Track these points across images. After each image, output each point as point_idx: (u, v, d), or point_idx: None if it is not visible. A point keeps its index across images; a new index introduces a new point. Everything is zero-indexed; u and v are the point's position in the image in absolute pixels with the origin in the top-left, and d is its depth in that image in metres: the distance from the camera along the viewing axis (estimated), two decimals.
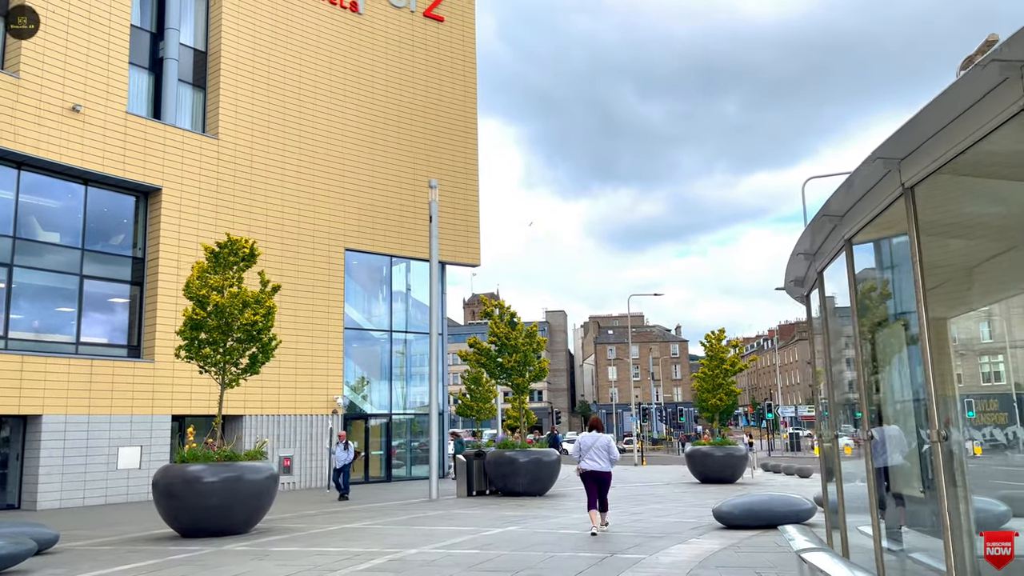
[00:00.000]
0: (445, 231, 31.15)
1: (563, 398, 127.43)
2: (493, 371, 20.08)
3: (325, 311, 27.89)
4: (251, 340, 12.93)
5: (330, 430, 21.45)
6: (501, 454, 19.13)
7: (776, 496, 12.36)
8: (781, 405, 76.04)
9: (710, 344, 25.18)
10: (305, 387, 27.08)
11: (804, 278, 7.54)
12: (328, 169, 28.57)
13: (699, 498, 18.06)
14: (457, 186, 31.97)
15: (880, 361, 5.38)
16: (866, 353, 5.47)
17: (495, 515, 14.43)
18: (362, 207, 29.29)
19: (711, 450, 24.18)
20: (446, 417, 31.23)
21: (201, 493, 11.96)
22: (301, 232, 27.55)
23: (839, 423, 6.78)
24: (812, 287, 7.18)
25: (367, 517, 14.70)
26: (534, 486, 18.94)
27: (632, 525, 12.38)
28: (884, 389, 5.26)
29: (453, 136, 32.34)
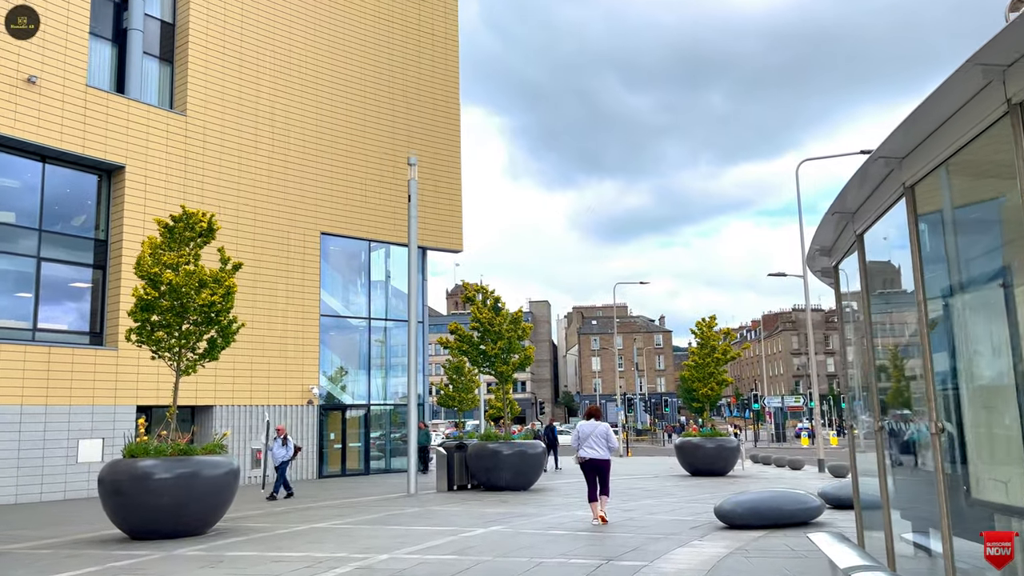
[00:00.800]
0: (426, 215, 30.02)
1: (547, 389, 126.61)
2: (476, 359, 19.01)
3: (300, 298, 26.72)
4: (209, 323, 11.80)
5: (267, 423, 19.99)
6: (483, 446, 18.09)
7: (781, 492, 11.40)
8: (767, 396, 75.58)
9: (701, 332, 24.24)
10: (279, 376, 25.92)
11: (833, 246, 6.54)
12: (304, 149, 27.34)
13: (693, 492, 17.13)
14: (439, 169, 30.83)
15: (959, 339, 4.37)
16: (941, 331, 4.46)
17: (477, 512, 13.40)
18: (339, 189, 28.09)
19: (702, 442, 23.26)
20: (427, 408, 30.16)
21: (152, 491, 10.84)
22: (275, 215, 26.33)
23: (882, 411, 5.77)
24: (846, 254, 6.18)
25: (339, 515, 13.63)
26: (518, 480, 17.93)
27: (626, 524, 11.38)
28: (968, 373, 4.26)
29: (435, 117, 31.18)
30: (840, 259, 6.49)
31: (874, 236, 5.39)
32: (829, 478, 21.89)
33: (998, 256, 4.02)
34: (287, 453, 18.35)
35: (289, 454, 18.37)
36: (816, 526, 10.65)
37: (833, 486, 13.25)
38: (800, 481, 20.59)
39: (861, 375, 6.24)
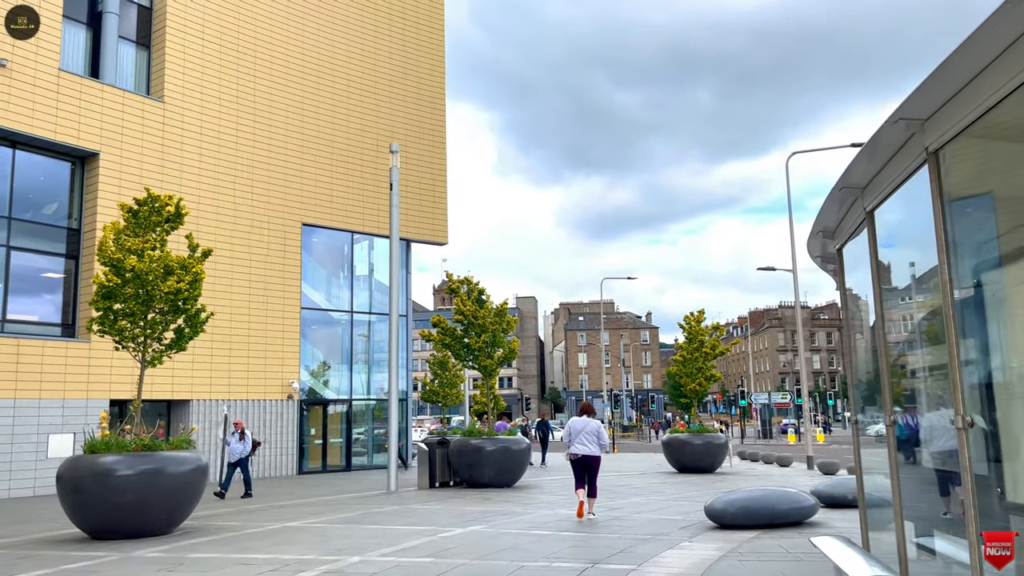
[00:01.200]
0: (410, 207, 29.48)
1: (533, 384, 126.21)
2: (459, 353, 18.49)
3: (280, 290, 26.11)
4: (176, 311, 11.21)
5: (224, 416, 19.11)
6: (466, 442, 17.57)
7: (773, 491, 10.95)
8: (753, 392, 75.45)
9: (689, 327, 23.79)
10: (258, 370, 25.31)
11: (837, 227, 6.06)
12: (286, 139, 26.70)
13: (681, 490, 16.69)
14: (424, 159, 30.27)
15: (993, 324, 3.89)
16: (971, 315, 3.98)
17: (458, 511, 12.90)
18: (322, 180, 27.48)
19: (689, 438, 22.86)
20: (409, 403, 29.62)
21: (113, 488, 10.26)
22: (255, 205, 25.70)
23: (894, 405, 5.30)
24: (852, 235, 5.70)
25: (314, 513, 13.09)
26: (501, 477, 17.43)
27: (613, 524, 10.91)
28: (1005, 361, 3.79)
29: (420, 107, 30.59)
30: (844, 241, 6.02)
31: (886, 213, 4.92)
32: (819, 475, 21.53)
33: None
34: (244, 449, 17.06)
35: (247, 450, 17.12)
36: (811, 526, 10.23)
37: (826, 484, 12.84)
38: (789, 478, 20.22)
39: (869, 365, 5.78)
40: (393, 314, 18.41)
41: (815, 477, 20.84)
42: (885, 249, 5.09)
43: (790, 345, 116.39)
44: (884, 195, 4.77)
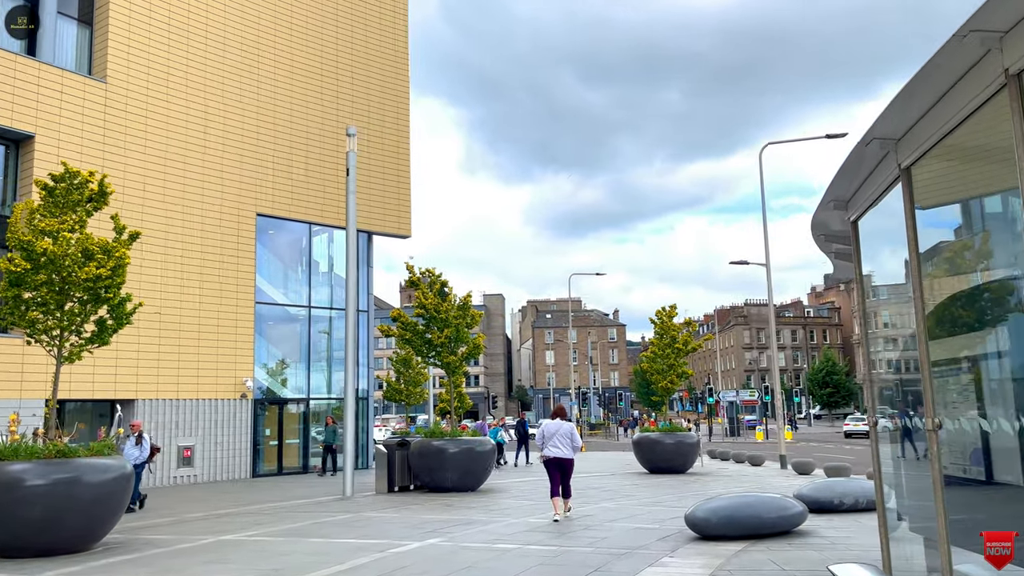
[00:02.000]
0: (373, 198, 28.32)
1: (500, 383, 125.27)
2: (420, 349, 17.40)
3: (234, 283, 24.79)
4: (96, 301, 10.01)
5: (117, 417, 17.37)
6: (427, 444, 16.50)
7: (757, 497, 10.05)
8: (722, 390, 75.23)
9: (661, 322, 22.94)
10: (210, 368, 23.99)
11: (855, 195, 5.14)
12: (240, 125, 25.37)
13: (654, 493, 15.80)
14: (387, 149, 29.10)
15: None
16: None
17: (415, 520, 11.85)
18: (278, 169, 26.19)
19: (660, 437, 22.02)
20: (370, 403, 28.46)
21: (20, 500, 9.06)
22: (207, 193, 24.35)
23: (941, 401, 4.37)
24: (874, 203, 4.77)
25: (257, 523, 11.96)
26: (465, 481, 16.39)
27: (584, 535, 9.94)
28: None
29: (383, 95, 29.39)
30: (862, 212, 5.10)
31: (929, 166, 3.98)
32: (794, 475, 20.82)
33: None
34: (141, 454, 15.11)
35: (143, 455, 15.19)
36: (800, 536, 9.35)
37: (811, 488, 12.00)
38: (764, 479, 19.47)
39: (899, 354, 4.86)
40: (349, 308, 17.29)
41: (791, 477, 20.12)
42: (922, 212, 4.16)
43: (756, 343, 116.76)
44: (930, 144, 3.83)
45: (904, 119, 3.92)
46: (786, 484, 17.70)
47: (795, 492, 11.98)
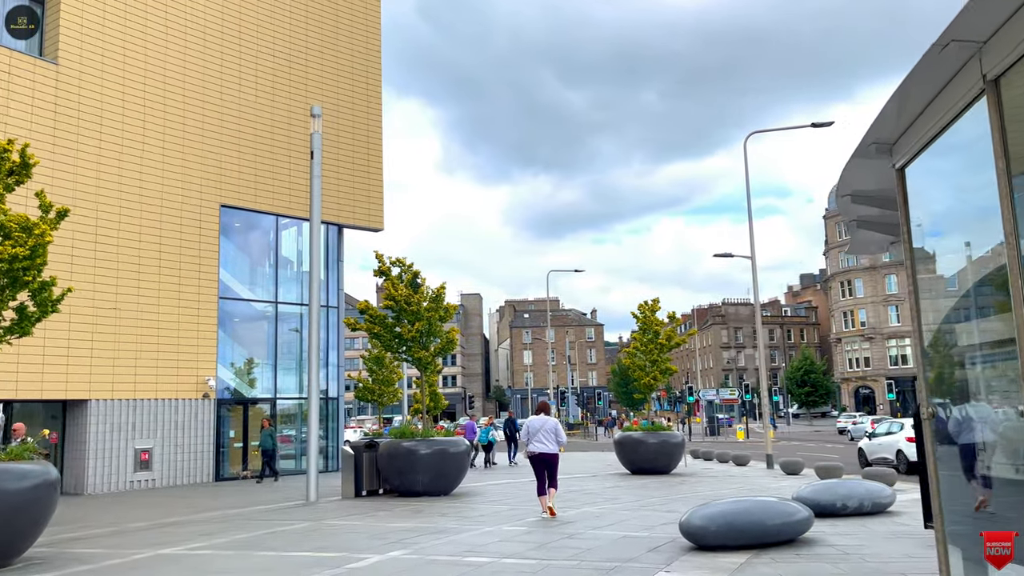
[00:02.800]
0: (342, 190, 27.19)
1: (477, 383, 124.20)
2: (390, 343, 16.30)
3: (195, 277, 23.55)
4: (14, 285, 8.86)
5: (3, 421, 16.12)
6: (396, 445, 15.42)
7: (757, 502, 9.10)
8: (702, 388, 74.68)
9: (643, 316, 22.00)
10: (169, 366, 22.74)
11: (902, 137, 4.17)
12: (203, 112, 24.13)
13: (640, 496, 14.84)
14: (358, 139, 27.95)
15: None
16: None
17: (380, 529, 10.79)
18: (244, 158, 24.97)
19: (644, 437, 21.09)
20: (341, 403, 27.29)
21: None
22: (167, 182, 23.11)
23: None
24: (928, 144, 3.80)
25: (206, 533, 10.85)
26: (437, 484, 15.33)
27: (567, 545, 8.94)
28: None
29: (354, 85, 28.24)
30: (913, 156, 4.13)
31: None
32: (782, 476, 19.98)
33: None
34: None
35: None
36: (807, 544, 8.42)
37: (811, 490, 11.07)
38: (753, 480, 18.59)
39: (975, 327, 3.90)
40: (313, 302, 16.18)
41: (779, 478, 19.27)
42: None
43: (734, 342, 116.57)
44: None
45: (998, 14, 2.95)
46: (777, 485, 16.83)
47: (794, 495, 11.07)
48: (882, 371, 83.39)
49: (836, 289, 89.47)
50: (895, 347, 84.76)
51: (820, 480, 17.91)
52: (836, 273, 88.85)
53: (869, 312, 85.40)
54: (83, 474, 20.85)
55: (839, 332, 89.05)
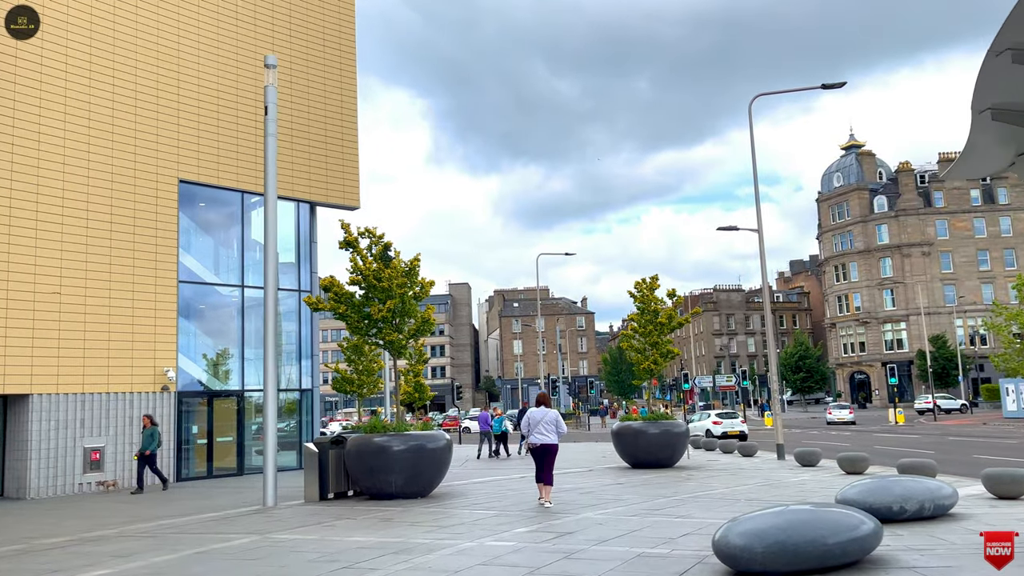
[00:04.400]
0: (315, 164, 25.15)
1: (467, 373, 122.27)
2: (357, 325, 14.26)
3: (151, 259, 21.49)
4: None
5: None
6: (366, 441, 13.43)
7: (810, 511, 7.06)
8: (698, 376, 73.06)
9: (641, 295, 20.06)
10: (123, 357, 20.71)
11: None
12: (158, 78, 22.01)
13: (646, 495, 12.91)
14: (331, 111, 25.87)
15: None
16: None
17: (334, 547, 8.83)
18: (205, 129, 22.87)
19: (644, 427, 19.19)
20: (315, 396, 25.27)
21: None
22: (116, 154, 21.02)
23: None
24: None
25: (124, 553, 8.86)
26: (413, 485, 13.37)
27: (568, 569, 7.00)
28: None
29: (326, 52, 26.12)
30: None
31: None
32: (798, 468, 18.14)
33: None
34: None
35: None
36: (879, 566, 6.49)
37: (859, 490, 9.14)
38: (770, 474, 16.72)
39: None
40: (269, 284, 14.13)
41: (796, 471, 17.42)
42: None
43: (726, 328, 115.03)
44: None
45: None
46: (798, 480, 14.96)
47: (839, 496, 9.17)
48: (877, 356, 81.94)
49: (830, 273, 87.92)
50: (890, 331, 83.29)
51: (844, 472, 16.09)
52: (830, 257, 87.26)
53: (864, 296, 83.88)
54: (25, 476, 18.83)
55: (833, 317, 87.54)
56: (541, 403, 12.24)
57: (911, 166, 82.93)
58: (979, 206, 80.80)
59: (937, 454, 22.99)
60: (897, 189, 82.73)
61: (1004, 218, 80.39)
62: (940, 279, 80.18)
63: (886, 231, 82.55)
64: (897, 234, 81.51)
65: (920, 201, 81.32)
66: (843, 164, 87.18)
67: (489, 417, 28.22)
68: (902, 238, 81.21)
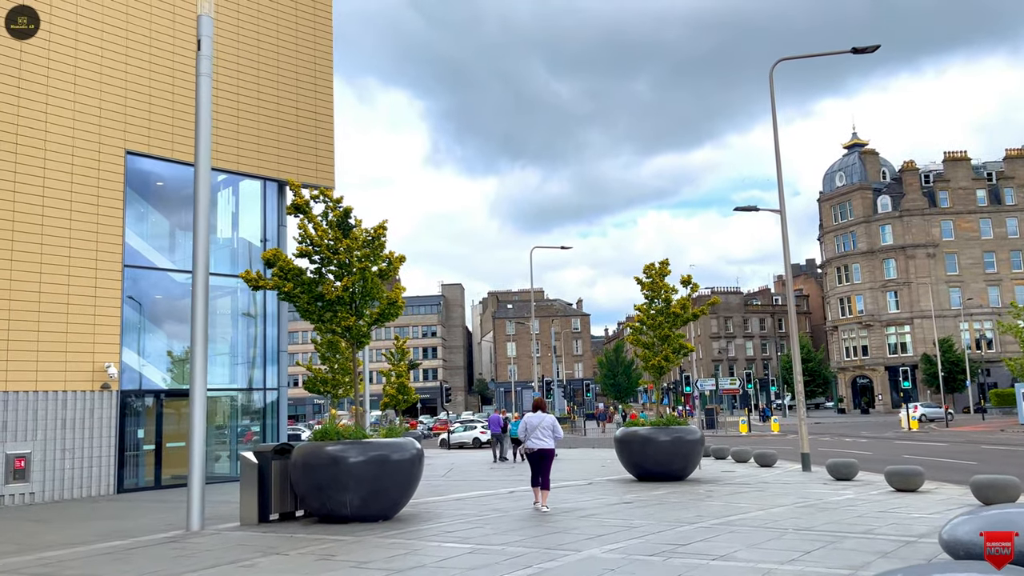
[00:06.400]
0: (285, 141, 22.59)
1: (460, 376, 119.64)
2: (307, 308, 11.59)
3: (91, 241, 18.87)
4: None
5: None
6: (315, 451, 10.80)
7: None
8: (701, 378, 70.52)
9: (651, 281, 17.46)
10: (55, 351, 18.08)
11: None
12: (99, 30, 19.42)
13: (661, 519, 10.30)
14: (304, 85, 23.30)
15: None
16: None
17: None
18: (157, 94, 20.29)
19: (652, 433, 16.57)
20: (282, 397, 22.62)
21: None
22: (51, 120, 18.44)
23: None
24: None
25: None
26: (373, 505, 10.74)
27: None
28: None
29: (299, 13, 23.54)
30: None
31: None
32: (831, 480, 15.58)
33: None
34: None
35: None
36: None
37: (971, 523, 6.54)
38: (799, 489, 14.13)
39: None
40: (199, 261, 11.53)
41: (831, 484, 14.83)
42: None
43: (724, 332, 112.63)
44: None
45: None
46: (842, 499, 12.36)
47: (946, 533, 6.57)
48: (880, 360, 79.49)
49: (832, 275, 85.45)
50: (894, 335, 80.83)
51: (894, 489, 13.54)
52: (832, 258, 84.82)
53: (867, 298, 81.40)
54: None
55: (835, 320, 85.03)
56: (537, 408, 12.25)
57: (915, 165, 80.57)
58: (985, 206, 78.46)
59: (980, 465, 20.46)
60: (901, 189, 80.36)
61: (1011, 219, 78.07)
62: (945, 281, 77.80)
63: (890, 232, 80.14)
64: (901, 235, 79.12)
65: (925, 201, 78.95)
66: (845, 163, 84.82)
67: (500, 420, 26.97)
68: (906, 239, 78.82)
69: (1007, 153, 79.90)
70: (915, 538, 8.21)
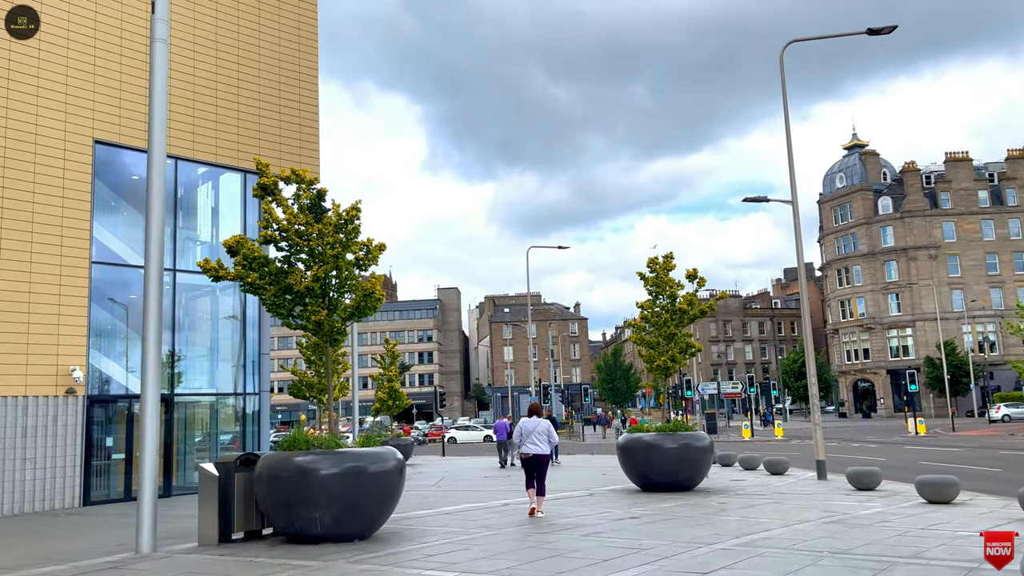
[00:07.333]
0: (266, 130, 21.38)
1: (456, 381, 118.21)
2: (274, 301, 10.32)
3: (56, 236, 17.61)
4: None
5: None
6: (283, 462, 9.53)
7: None
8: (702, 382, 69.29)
9: (655, 276, 16.22)
10: (15, 353, 16.83)
11: None
12: (66, 11, 18.20)
13: (673, 539, 9.04)
14: (287, 72, 22.09)
15: None
16: None
17: None
18: (129, 81, 19.06)
19: (658, 440, 15.31)
20: (265, 401, 21.35)
21: None
22: (12, 106, 17.22)
23: None
24: None
25: None
26: (347, 523, 9.47)
27: None
28: None
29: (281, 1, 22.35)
30: None
31: None
32: (851, 489, 14.34)
33: None
34: None
35: None
36: None
37: None
38: (820, 499, 12.87)
39: None
40: (152, 257, 10.29)
41: (853, 495, 13.59)
42: None
43: (723, 335, 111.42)
44: None
45: None
46: (872, 513, 11.11)
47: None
48: (882, 363, 78.31)
49: (832, 278, 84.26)
50: (896, 337, 79.63)
51: (926, 500, 12.30)
52: (832, 260, 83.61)
53: (868, 301, 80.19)
54: None
55: (836, 323, 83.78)
56: (533, 413, 12.27)
57: (916, 166, 79.46)
58: (987, 207, 77.35)
59: (1006, 472, 19.24)
60: (902, 190, 79.23)
61: (1013, 220, 76.97)
62: (947, 283, 76.64)
63: (891, 233, 78.97)
64: (902, 236, 77.95)
65: (926, 202, 77.80)
66: (846, 164, 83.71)
67: (507, 426, 26.60)
68: (907, 240, 77.66)
69: (1009, 153, 78.83)
70: (976, 563, 6.98)
